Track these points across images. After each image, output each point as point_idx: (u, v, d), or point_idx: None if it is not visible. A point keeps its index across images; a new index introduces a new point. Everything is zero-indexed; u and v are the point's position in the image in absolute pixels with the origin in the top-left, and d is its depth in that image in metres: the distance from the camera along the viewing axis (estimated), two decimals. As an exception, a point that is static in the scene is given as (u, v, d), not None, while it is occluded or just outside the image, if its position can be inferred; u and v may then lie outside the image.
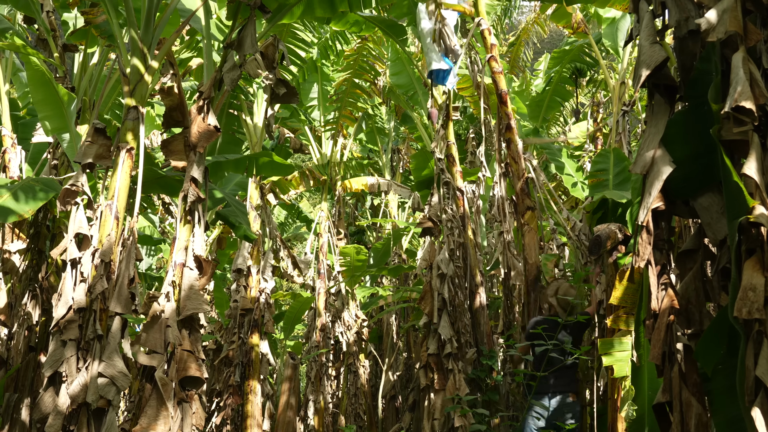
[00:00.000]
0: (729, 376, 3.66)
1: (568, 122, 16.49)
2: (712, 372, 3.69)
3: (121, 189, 5.93)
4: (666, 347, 3.68)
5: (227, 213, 7.09)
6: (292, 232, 21.89)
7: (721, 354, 3.67)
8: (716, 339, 3.66)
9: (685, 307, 3.68)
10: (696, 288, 3.69)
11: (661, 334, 3.66)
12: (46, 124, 7.77)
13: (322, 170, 13.75)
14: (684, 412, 3.57)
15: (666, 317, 3.66)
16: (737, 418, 3.61)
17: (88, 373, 5.40)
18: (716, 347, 3.67)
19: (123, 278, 5.68)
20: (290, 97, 6.91)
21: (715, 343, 3.67)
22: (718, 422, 3.66)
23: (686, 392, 3.59)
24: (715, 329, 3.66)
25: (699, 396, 3.60)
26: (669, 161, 3.65)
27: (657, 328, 3.68)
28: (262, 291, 11.60)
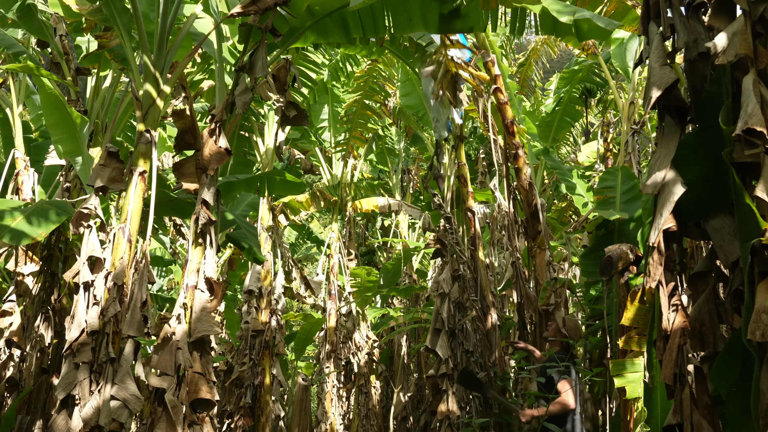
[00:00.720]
0: (743, 399, 3.64)
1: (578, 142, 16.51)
2: (726, 395, 3.67)
3: (133, 212, 5.96)
4: (677, 369, 3.66)
5: (237, 235, 7.12)
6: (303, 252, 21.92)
7: (735, 377, 3.66)
8: (730, 362, 3.65)
9: (698, 329, 3.67)
10: (709, 310, 3.68)
11: (673, 355, 3.64)
12: (59, 147, 7.84)
13: (332, 191, 13.78)
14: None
15: (677, 338, 3.65)
16: (749, 441, 3.59)
17: (100, 396, 5.41)
18: (730, 370, 3.65)
19: (136, 301, 5.70)
20: (300, 120, 6.95)
21: (729, 365, 3.65)
22: (731, 446, 3.64)
23: (697, 414, 3.57)
24: (729, 352, 3.65)
25: (710, 418, 3.58)
26: (680, 182, 3.65)
27: (668, 349, 3.67)
28: (273, 312, 11.61)
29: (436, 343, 8.92)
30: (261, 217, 11.81)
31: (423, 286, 14.09)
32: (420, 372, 15.01)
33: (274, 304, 11.68)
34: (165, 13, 6.42)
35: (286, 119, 6.91)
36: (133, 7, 6.29)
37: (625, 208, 8.95)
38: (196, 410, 5.89)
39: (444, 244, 9.32)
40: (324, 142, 14.10)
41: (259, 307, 11.64)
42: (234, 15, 6.27)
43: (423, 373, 14.80)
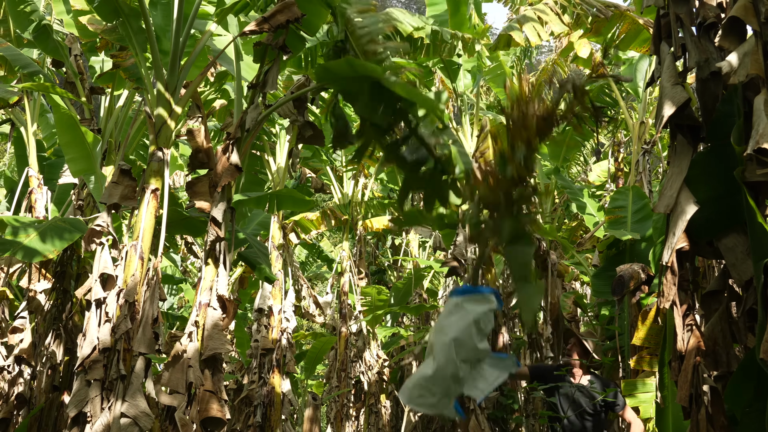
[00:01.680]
0: (757, 419, 3.62)
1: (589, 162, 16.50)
2: (741, 415, 3.65)
3: (146, 230, 5.99)
4: (693, 389, 3.65)
5: (249, 254, 7.13)
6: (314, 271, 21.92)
7: (750, 397, 3.64)
8: (744, 382, 3.63)
9: (711, 348, 3.66)
10: (722, 329, 3.67)
11: (688, 375, 3.63)
12: (72, 166, 7.89)
13: (343, 210, 13.80)
14: (712, 455, 3.54)
15: (692, 358, 3.64)
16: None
17: (111, 413, 5.41)
18: (744, 390, 3.64)
19: (147, 318, 5.72)
20: (316, 140, 6.97)
21: (744, 385, 3.63)
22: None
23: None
24: (743, 372, 3.63)
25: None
26: (693, 201, 3.65)
27: (684, 370, 3.66)
28: (283, 331, 11.60)
29: None
30: (272, 236, 11.84)
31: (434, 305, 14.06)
32: (430, 392, 14.91)
33: (284, 323, 11.68)
34: (178, 32, 6.47)
35: (302, 138, 6.93)
36: (147, 26, 6.34)
37: (636, 228, 8.95)
38: (207, 429, 5.89)
39: (460, 261, 9.32)
40: (335, 161, 14.13)
41: (269, 326, 11.64)
42: (247, 33, 6.32)
43: (433, 392, 14.72)
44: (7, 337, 7.97)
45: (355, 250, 14.37)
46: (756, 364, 3.51)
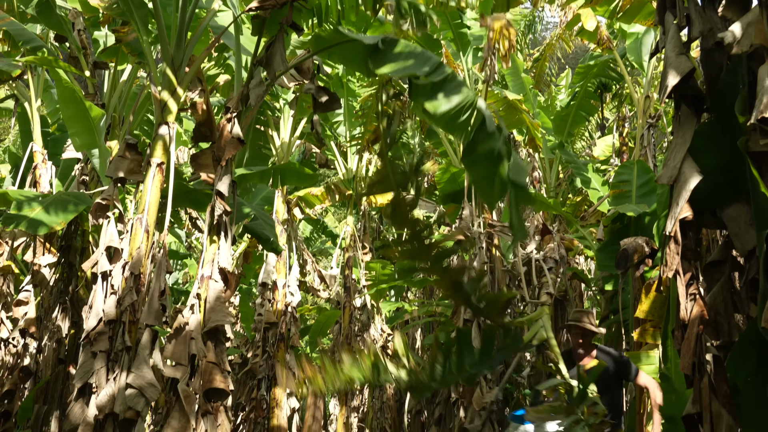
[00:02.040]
0: (759, 388, 3.63)
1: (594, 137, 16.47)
2: (743, 384, 3.67)
3: (151, 203, 6.01)
4: (695, 358, 3.66)
5: (255, 226, 7.14)
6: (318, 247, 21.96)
7: (752, 366, 3.65)
8: (746, 351, 3.64)
9: (713, 318, 3.67)
10: (724, 299, 3.68)
11: (691, 344, 3.64)
12: (76, 140, 7.89)
13: (347, 185, 13.80)
14: (714, 423, 3.55)
15: (695, 327, 3.65)
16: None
17: (116, 384, 5.46)
18: (746, 359, 3.65)
19: (154, 290, 5.75)
20: (332, 104, 6.93)
21: (746, 355, 3.65)
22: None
23: (716, 403, 3.57)
24: (745, 341, 3.64)
25: (729, 407, 3.57)
26: (696, 171, 3.64)
27: (687, 339, 3.67)
28: (288, 305, 11.65)
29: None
30: (276, 210, 11.86)
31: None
32: (434, 366, 14.98)
33: (288, 297, 11.72)
34: (184, 7, 6.46)
35: (318, 105, 6.89)
36: (153, 1, 6.33)
37: (640, 202, 8.93)
38: (210, 400, 5.93)
39: (466, 235, 9.33)
40: (339, 136, 14.11)
41: (273, 300, 11.69)
42: (252, 9, 6.30)
43: (437, 366, 14.79)
44: (12, 310, 8.02)
45: (360, 225, 14.38)
46: (758, 334, 3.52)
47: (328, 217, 23.06)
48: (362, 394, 14.64)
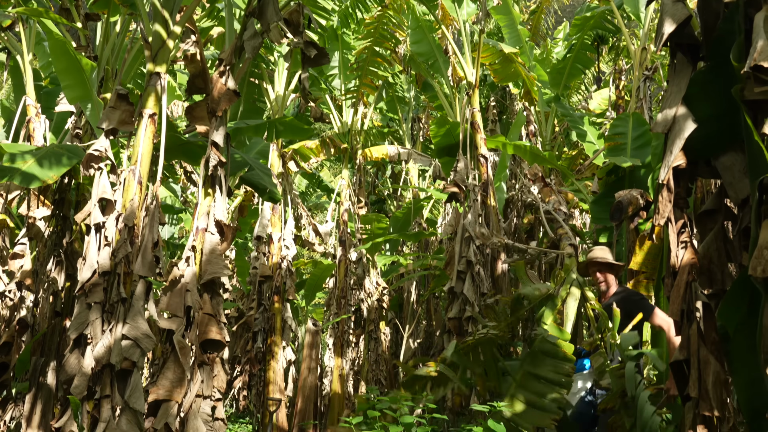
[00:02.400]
0: (749, 337, 3.66)
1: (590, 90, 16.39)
2: (734, 332, 3.69)
3: (143, 154, 5.98)
4: (685, 305, 3.67)
5: (252, 176, 7.12)
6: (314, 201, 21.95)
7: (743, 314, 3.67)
8: (738, 299, 3.66)
9: (707, 266, 3.68)
10: (717, 248, 3.69)
11: (680, 291, 3.66)
12: (68, 93, 7.82)
13: (342, 138, 13.75)
14: (701, 369, 3.58)
15: (685, 275, 3.66)
16: (757, 378, 3.62)
17: (112, 335, 5.48)
18: (738, 307, 3.67)
19: (147, 242, 5.75)
20: (321, 59, 6.89)
21: (737, 303, 3.66)
22: (738, 382, 3.66)
23: (704, 350, 3.59)
24: (737, 289, 3.66)
25: (717, 354, 3.60)
26: (691, 119, 3.63)
27: (676, 285, 3.68)
28: (283, 258, 11.68)
29: (461, 286, 8.98)
30: (271, 164, 11.83)
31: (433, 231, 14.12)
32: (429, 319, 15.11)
33: (284, 251, 11.75)
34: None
35: (307, 60, 6.84)
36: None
37: (636, 154, 8.93)
38: (206, 351, 5.97)
39: (461, 187, 9.34)
40: (334, 89, 14.03)
41: (268, 253, 11.72)
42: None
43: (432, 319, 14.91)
44: (8, 263, 8.02)
45: (355, 179, 14.36)
46: (749, 283, 3.53)
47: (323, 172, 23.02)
48: (357, 346, 14.75)
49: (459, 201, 9.50)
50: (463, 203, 9.55)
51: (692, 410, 3.63)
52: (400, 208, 15.48)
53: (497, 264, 9.48)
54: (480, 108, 10.52)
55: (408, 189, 15.26)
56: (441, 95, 11.70)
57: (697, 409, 3.59)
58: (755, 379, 3.62)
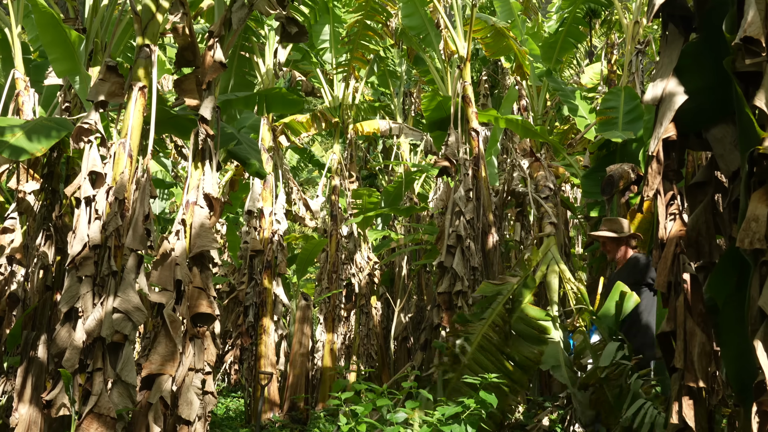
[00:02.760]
0: (737, 309, 3.67)
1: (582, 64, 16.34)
2: (722, 305, 3.70)
3: (134, 127, 5.95)
4: (672, 277, 3.68)
5: (238, 150, 7.10)
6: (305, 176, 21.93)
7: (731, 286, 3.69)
8: (727, 271, 3.67)
9: (695, 239, 3.69)
10: (706, 220, 3.69)
11: (668, 262, 3.67)
12: (57, 66, 7.76)
13: (333, 113, 13.70)
14: (687, 341, 3.59)
15: (673, 247, 3.67)
16: (745, 351, 3.64)
17: (103, 309, 5.48)
18: (726, 280, 3.68)
19: (138, 215, 5.74)
20: (301, 36, 6.87)
21: (726, 275, 3.68)
22: (726, 355, 3.67)
23: (691, 322, 3.61)
24: (726, 262, 3.67)
25: (704, 326, 3.61)
26: (682, 91, 3.61)
27: (664, 257, 3.69)
28: (274, 232, 11.68)
29: (451, 260, 9.00)
30: (262, 138, 11.78)
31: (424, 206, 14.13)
32: (420, 293, 15.15)
33: (275, 225, 11.74)
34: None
35: (286, 35, 6.83)
36: None
37: (627, 128, 8.93)
38: (197, 325, 5.98)
39: (452, 161, 9.33)
40: (325, 63, 13.96)
41: (259, 228, 11.71)
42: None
43: (423, 294, 14.95)
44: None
45: (346, 153, 14.34)
46: (738, 255, 3.54)
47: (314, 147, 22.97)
48: (349, 320, 14.79)
49: (450, 175, 9.49)
50: (454, 177, 9.55)
51: (678, 381, 3.65)
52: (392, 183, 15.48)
53: (488, 238, 9.50)
54: (472, 82, 10.49)
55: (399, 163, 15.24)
56: (432, 69, 11.65)
57: (683, 380, 3.61)
58: (744, 352, 3.64)
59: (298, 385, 11.79)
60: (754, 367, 3.55)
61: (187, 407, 5.71)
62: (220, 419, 11.60)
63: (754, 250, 3.23)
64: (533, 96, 12.84)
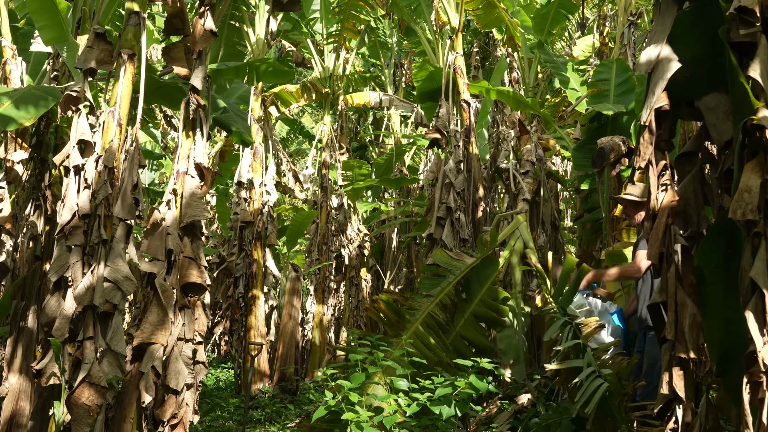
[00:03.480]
0: (724, 280, 3.69)
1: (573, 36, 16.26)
2: (709, 275, 3.71)
3: (123, 96, 5.90)
4: (664, 248, 3.68)
5: (225, 118, 7.05)
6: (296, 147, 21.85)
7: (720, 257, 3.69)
8: (716, 241, 3.68)
9: (683, 208, 3.68)
10: (695, 190, 3.69)
11: (659, 233, 3.67)
12: (44, 34, 7.67)
13: (324, 83, 13.62)
14: (678, 312, 3.60)
15: (665, 217, 3.66)
16: (730, 321, 3.65)
17: (93, 277, 5.46)
18: (715, 250, 3.69)
19: (127, 184, 5.70)
20: (294, 5, 6.81)
21: (715, 245, 3.68)
22: (710, 325, 3.67)
23: (682, 293, 3.61)
24: (717, 231, 3.68)
25: (694, 297, 3.62)
26: (675, 59, 3.59)
27: (655, 228, 3.69)
28: (264, 204, 11.64)
29: (441, 232, 9.00)
30: (251, 108, 11.71)
31: (414, 177, 14.11)
32: (410, 265, 15.18)
33: (265, 196, 11.71)
34: None
35: (278, 4, 6.77)
36: None
37: (619, 101, 8.89)
38: (188, 294, 5.97)
39: (443, 133, 9.30)
40: (316, 33, 13.86)
41: (249, 199, 11.68)
42: None
43: (413, 266, 14.98)
44: (-14, 208, 7.95)
45: (337, 125, 14.28)
46: (728, 225, 3.55)
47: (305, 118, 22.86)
48: (338, 292, 14.82)
49: (441, 147, 9.48)
50: (445, 149, 9.53)
51: (668, 352, 3.67)
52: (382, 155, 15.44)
53: (478, 210, 9.49)
54: (463, 54, 10.44)
55: (390, 135, 15.19)
56: (424, 40, 11.58)
57: (673, 351, 3.63)
58: (728, 322, 3.66)
59: (288, 356, 11.82)
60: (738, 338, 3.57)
61: (176, 377, 5.72)
62: (210, 390, 11.63)
63: (746, 221, 3.24)
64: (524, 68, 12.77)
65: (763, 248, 3.24)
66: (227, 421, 9.38)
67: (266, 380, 11.45)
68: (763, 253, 3.23)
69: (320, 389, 11.80)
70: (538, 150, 10.18)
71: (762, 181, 3.23)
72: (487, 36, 16.25)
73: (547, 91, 14.04)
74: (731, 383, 3.65)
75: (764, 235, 3.25)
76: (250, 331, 11.25)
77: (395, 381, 5.32)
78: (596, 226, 8.96)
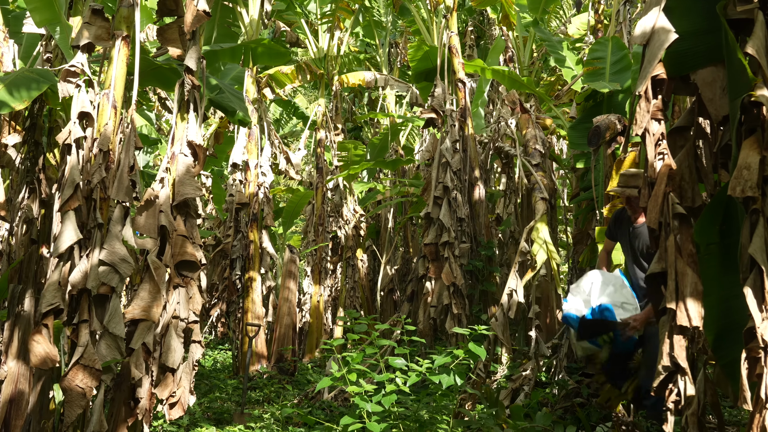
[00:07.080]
0: (719, 256, 3.69)
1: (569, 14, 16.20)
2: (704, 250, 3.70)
3: (117, 78, 5.86)
4: (662, 217, 3.66)
5: (221, 99, 7.01)
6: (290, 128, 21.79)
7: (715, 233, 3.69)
8: (711, 219, 3.67)
9: (678, 184, 3.67)
10: (689, 165, 3.68)
11: (658, 200, 3.64)
12: (36, 16, 7.61)
13: (318, 64, 13.57)
14: (678, 281, 3.57)
15: (663, 185, 3.64)
16: (725, 297, 3.65)
17: (89, 260, 5.44)
18: (711, 227, 3.68)
19: (123, 166, 5.68)
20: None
21: (710, 223, 3.68)
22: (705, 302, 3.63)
23: (681, 262, 3.59)
24: (711, 209, 3.67)
25: (694, 266, 3.59)
26: (672, 30, 3.55)
27: (654, 196, 3.66)
28: (260, 185, 11.62)
29: (438, 212, 9.00)
30: (246, 90, 11.66)
31: (410, 158, 14.09)
32: (406, 245, 15.18)
33: (260, 178, 11.68)
34: None
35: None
36: None
37: (614, 79, 8.88)
38: (182, 273, 5.97)
39: (439, 113, 9.28)
40: (310, 13, 13.79)
41: (244, 180, 11.66)
42: None
43: (409, 246, 14.98)
44: (-19, 193, 7.91)
45: (331, 105, 14.24)
46: (724, 201, 3.55)
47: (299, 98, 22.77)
48: (335, 273, 14.83)
49: (436, 126, 9.46)
50: (441, 129, 9.51)
51: (668, 323, 3.61)
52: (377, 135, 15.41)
53: (474, 190, 9.49)
54: (458, 33, 10.40)
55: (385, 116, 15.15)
56: (418, 19, 11.54)
57: (674, 321, 3.58)
58: (724, 299, 3.66)
59: (286, 337, 11.84)
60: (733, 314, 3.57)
61: (171, 354, 5.72)
62: (208, 371, 11.65)
63: (745, 198, 3.24)
64: (520, 47, 12.74)
65: (761, 225, 3.24)
66: (226, 402, 9.41)
67: (264, 361, 11.47)
68: (761, 230, 3.23)
69: (318, 369, 11.82)
70: (539, 133, 10.10)
71: (761, 158, 3.23)
72: (482, 14, 16.20)
73: (542, 70, 14.02)
74: (726, 359, 3.65)
75: (762, 212, 3.25)
76: (247, 313, 11.25)
77: (392, 360, 5.34)
78: (592, 204, 8.95)
